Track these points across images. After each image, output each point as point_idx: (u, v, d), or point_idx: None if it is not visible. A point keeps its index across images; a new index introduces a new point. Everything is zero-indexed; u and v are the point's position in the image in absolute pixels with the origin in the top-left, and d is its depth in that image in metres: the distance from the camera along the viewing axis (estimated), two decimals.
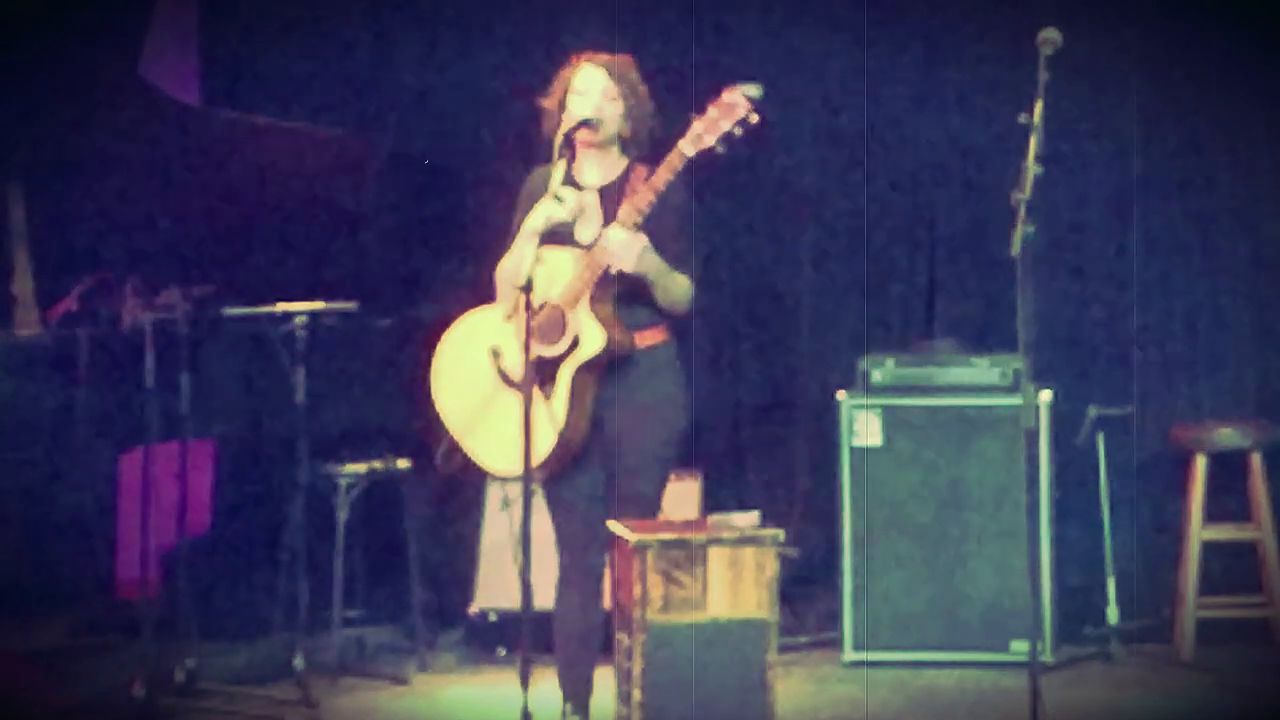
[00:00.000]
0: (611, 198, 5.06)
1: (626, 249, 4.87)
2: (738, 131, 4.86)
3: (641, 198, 4.90)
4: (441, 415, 5.15)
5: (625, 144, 5.11)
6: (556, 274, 4.96)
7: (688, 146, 4.86)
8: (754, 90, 4.86)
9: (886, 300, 7.02)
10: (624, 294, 4.99)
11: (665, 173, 4.89)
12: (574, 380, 4.95)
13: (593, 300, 4.96)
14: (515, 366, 4.98)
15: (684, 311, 5.05)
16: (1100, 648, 6.38)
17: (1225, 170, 6.78)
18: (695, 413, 5.25)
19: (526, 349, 4.76)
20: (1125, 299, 6.82)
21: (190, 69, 7.22)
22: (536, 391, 4.88)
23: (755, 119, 4.85)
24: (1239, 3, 6.57)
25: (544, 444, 4.91)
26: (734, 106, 4.85)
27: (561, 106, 5.07)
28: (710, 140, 4.86)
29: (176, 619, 5.97)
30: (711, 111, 4.87)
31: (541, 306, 4.92)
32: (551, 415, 4.91)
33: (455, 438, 5.10)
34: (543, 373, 4.90)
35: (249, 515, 6.92)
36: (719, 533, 4.77)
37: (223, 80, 7.18)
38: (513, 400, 5.00)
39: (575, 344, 4.95)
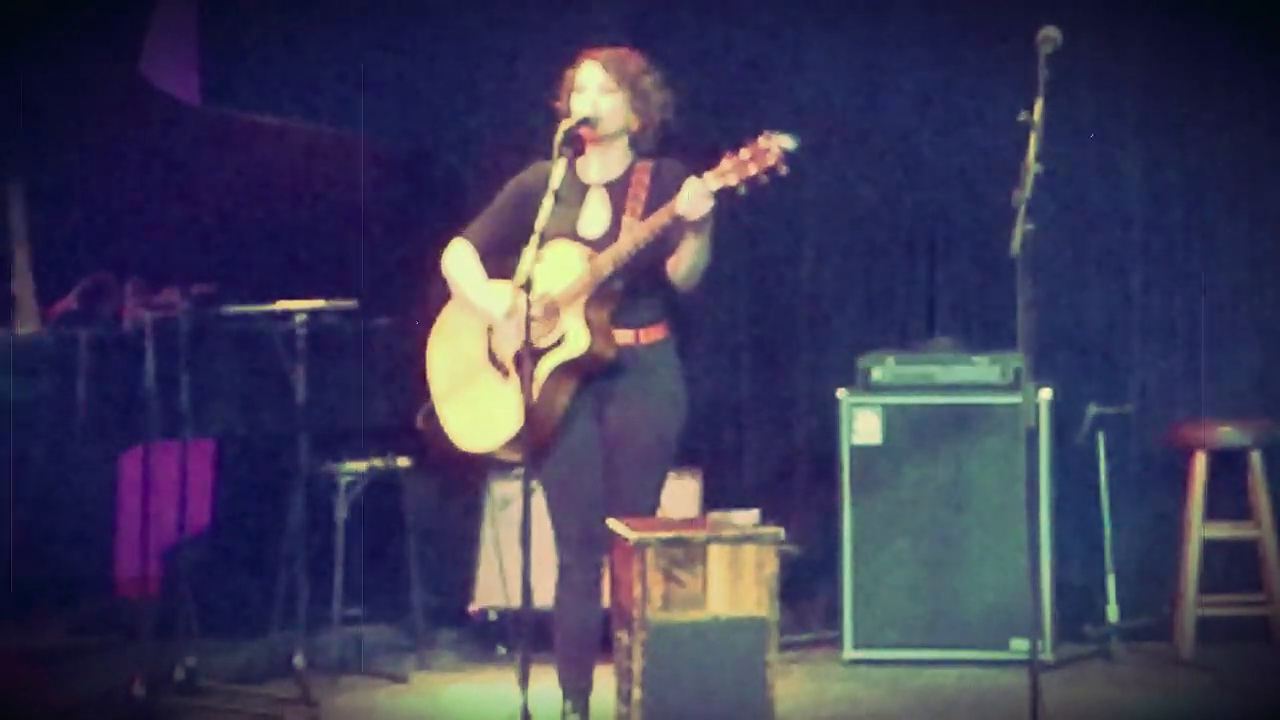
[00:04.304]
0: (616, 194, 5.06)
1: (701, 200, 4.81)
2: (764, 179, 4.80)
3: (658, 217, 4.89)
4: (429, 374, 5.19)
5: (634, 138, 5.10)
6: (562, 268, 4.97)
7: (712, 180, 4.81)
8: (789, 143, 4.79)
9: (886, 300, 7.02)
10: (630, 288, 4.99)
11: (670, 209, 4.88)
12: (551, 376, 4.96)
13: (589, 304, 4.96)
14: (503, 349, 5.01)
15: (693, 287, 5.04)
16: (1100, 646, 6.38)
17: (1226, 169, 6.78)
18: (695, 412, 5.25)
19: (526, 349, 4.77)
20: (1125, 297, 6.82)
21: (190, 69, 7.23)
22: (513, 378, 4.96)
23: (784, 170, 4.79)
24: (1239, 2, 6.57)
25: (505, 429, 4.94)
26: (766, 153, 4.78)
27: (567, 105, 5.08)
28: (734, 180, 4.80)
29: (176, 618, 5.97)
30: (743, 153, 4.81)
31: (540, 296, 4.93)
32: (520, 404, 4.90)
33: (433, 401, 5.15)
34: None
35: (249, 514, 6.93)
36: (719, 531, 4.77)
37: (223, 80, 7.18)
38: (493, 381, 5.07)
39: (560, 341, 4.96)
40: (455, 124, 7.21)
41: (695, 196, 4.82)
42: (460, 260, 5.17)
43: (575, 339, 4.96)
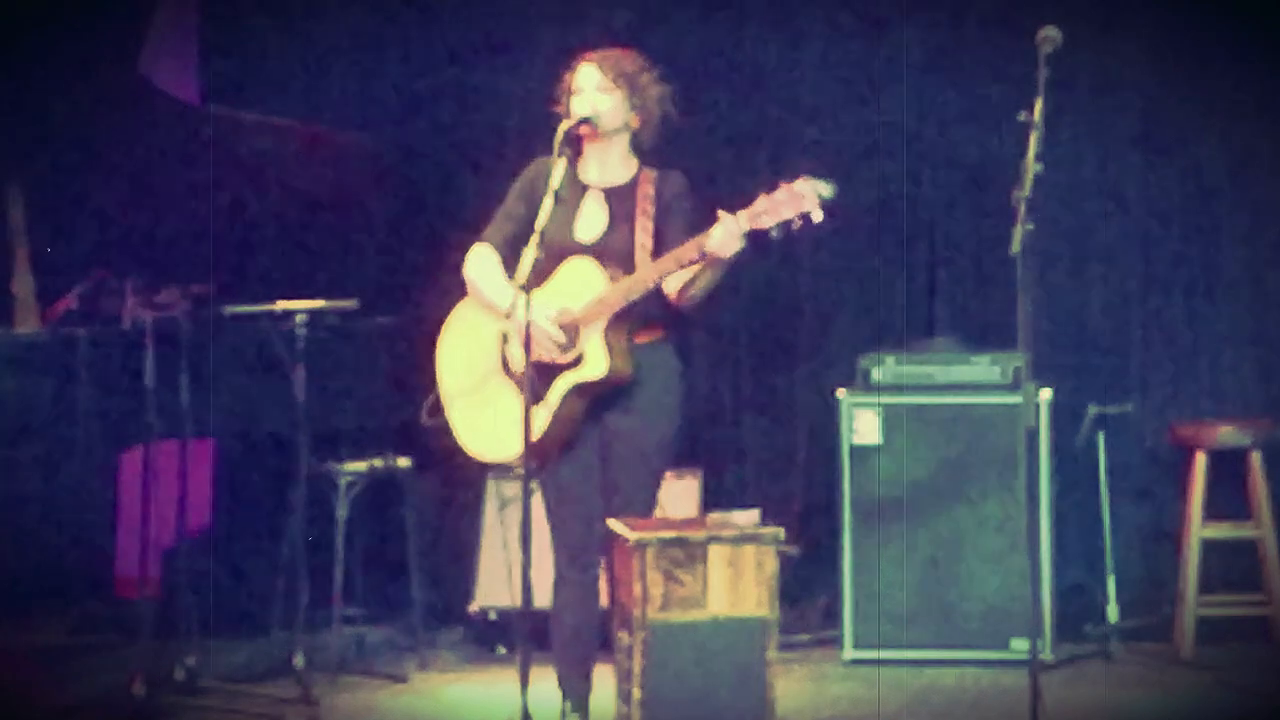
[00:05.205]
0: (617, 200, 5.06)
1: (733, 241, 4.79)
2: (797, 223, 4.76)
3: (686, 251, 4.86)
4: (437, 371, 5.18)
5: (635, 136, 5.10)
6: (585, 286, 4.96)
7: (745, 221, 4.78)
8: (826, 190, 4.75)
9: (887, 300, 7.02)
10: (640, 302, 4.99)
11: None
12: (566, 395, 4.96)
13: (610, 325, 4.95)
14: (517, 358, 5.00)
15: (695, 307, 5.04)
16: (1100, 646, 6.38)
17: (1225, 169, 6.78)
18: (695, 412, 5.25)
19: (527, 351, 4.77)
20: (1125, 297, 6.82)
21: (190, 69, 7.23)
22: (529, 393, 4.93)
23: (818, 218, 4.75)
24: (1239, 2, 6.57)
25: (516, 443, 4.90)
26: (802, 198, 4.74)
27: (567, 109, 5.08)
28: (768, 223, 4.76)
29: (176, 618, 5.97)
30: (779, 194, 4.77)
31: (561, 311, 4.95)
32: (534, 419, 4.89)
33: (442, 399, 5.14)
34: (542, 377, 4.91)
35: (249, 514, 6.92)
36: (719, 531, 4.77)
37: (223, 80, 7.18)
38: (503, 389, 5.06)
39: (579, 361, 4.95)
40: (455, 124, 7.20)
41: (728, 237, 4.78)
42: (481, 263, 5.14)
43: (594, 361, 4.94)
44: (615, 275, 4.96)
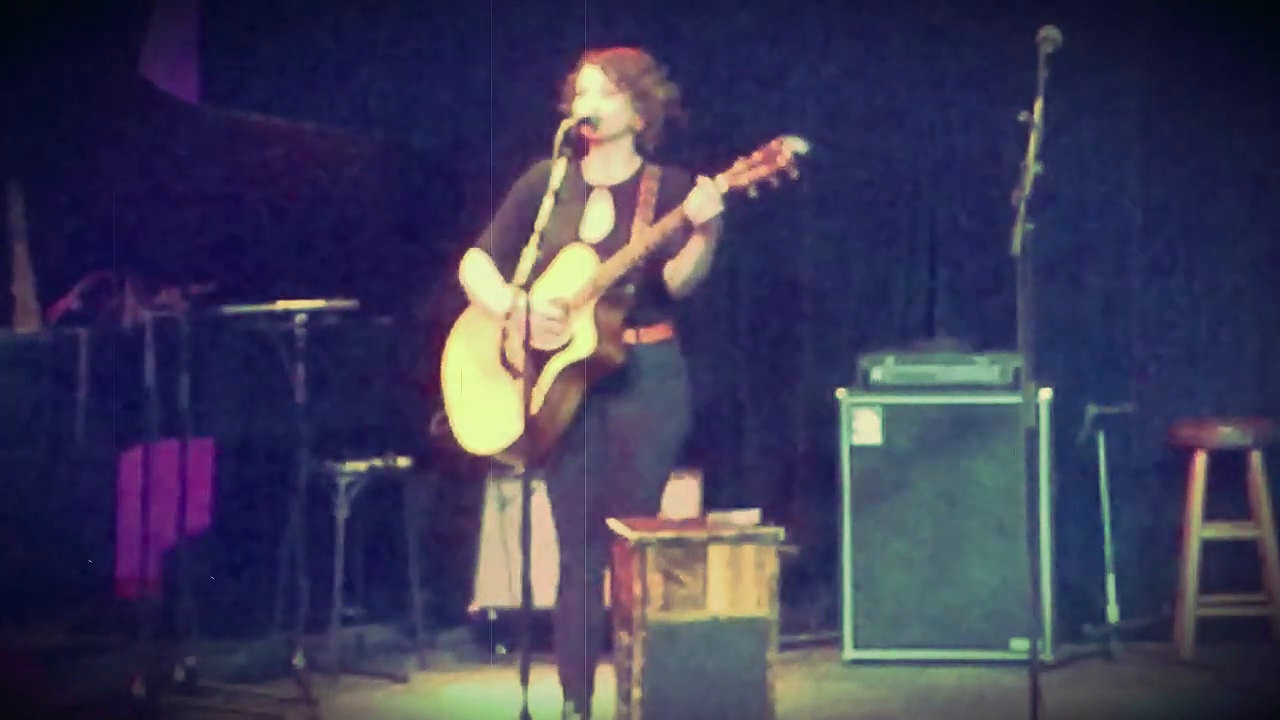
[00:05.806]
0: (622, 198, 5.07)
1: (711, 203, 4.85)
2: (774, 182, 4.83)
3: (670, 220, 4.90)
4: (444, 377, 5.20)
5: (639, 137, 5.11)
6: (577, 271, 4.98)
7: (723, 182, 4.84)
8: (801, 146, 4.82)
9: (886, 300, 7.02)
10: (638, 290, 5.00)
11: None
12: (558, 377, 4.96)
13: (600, 306, 4.96)
14: (515, 352, 5.00)
15: (686, 295, 5.04)
16: (1100, 646, 6.39)
17: (1226, 169, 6.78)
18: (695, 412, 5.25)
19: (526, 349, 4.77)
20: (1125, 297, 6.82)
21: (190, 69, 7.23)
22: (521, 380, 4.94)
23: (795, 175, 4.82)
24: (1240, 3, 6.57)
25: (511, 432, 4.94)
26: (777, 156, 4.81)
27: (571, 110, 5.08)
28: (744, 182, 4.83)
29: (176, 618, 5.97)
30: (755, 155, 4.84)
31: (555, 299, 4.95)
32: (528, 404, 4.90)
33: (447, 403, 5.15)
34: (536, 364, 4.92)
35: (249, 514, 6.93)
36: (719, 531, 4.77)
37: (223, 80, 7.18)
38: (504, 383, 5.07)
39: (569, 344, 4.96)
40: (455, 124, 7.20)
41: (706, 198, 4.83)
42: (475, 268, 5.17)
43: (583, 341, 4.96)
44: (601, 262, 4.97)
